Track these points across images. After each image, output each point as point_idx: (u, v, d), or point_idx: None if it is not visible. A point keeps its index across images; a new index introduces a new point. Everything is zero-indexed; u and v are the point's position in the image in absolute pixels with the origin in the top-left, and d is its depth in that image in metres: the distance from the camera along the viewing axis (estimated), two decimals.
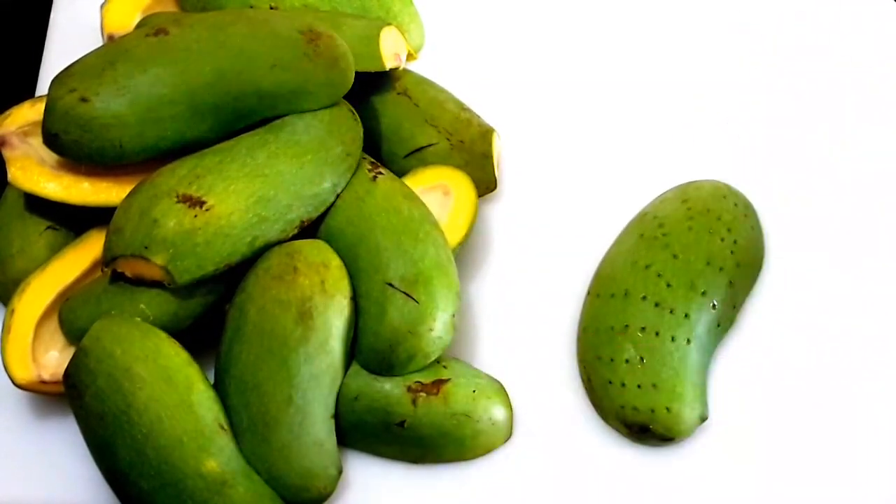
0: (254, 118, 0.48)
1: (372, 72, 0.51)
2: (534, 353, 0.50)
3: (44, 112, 0.46)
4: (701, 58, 0.58)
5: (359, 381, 0.46)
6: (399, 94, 0.53)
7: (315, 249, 0.46)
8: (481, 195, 0.51)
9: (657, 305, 0.47)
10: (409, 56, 0.57)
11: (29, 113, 0.48)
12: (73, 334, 0.45)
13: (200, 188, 0.45)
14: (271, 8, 0.53)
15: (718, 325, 0.48)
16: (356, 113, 0.49)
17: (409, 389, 0.45)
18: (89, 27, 0.57)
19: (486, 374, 0.48)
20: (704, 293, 0.47)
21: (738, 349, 0.49)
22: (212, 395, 0.44)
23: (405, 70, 0.54)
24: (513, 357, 0.50)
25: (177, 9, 0.56)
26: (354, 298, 0.46)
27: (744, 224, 0.50)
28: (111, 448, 0.43)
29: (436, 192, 0.50)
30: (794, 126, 0.56)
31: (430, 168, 0.51)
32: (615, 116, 0.57)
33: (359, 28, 0.52)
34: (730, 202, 0.50)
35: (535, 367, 0.49)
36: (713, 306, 0.47)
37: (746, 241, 0.49)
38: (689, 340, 0.47)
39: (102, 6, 0.55)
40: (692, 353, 0.46)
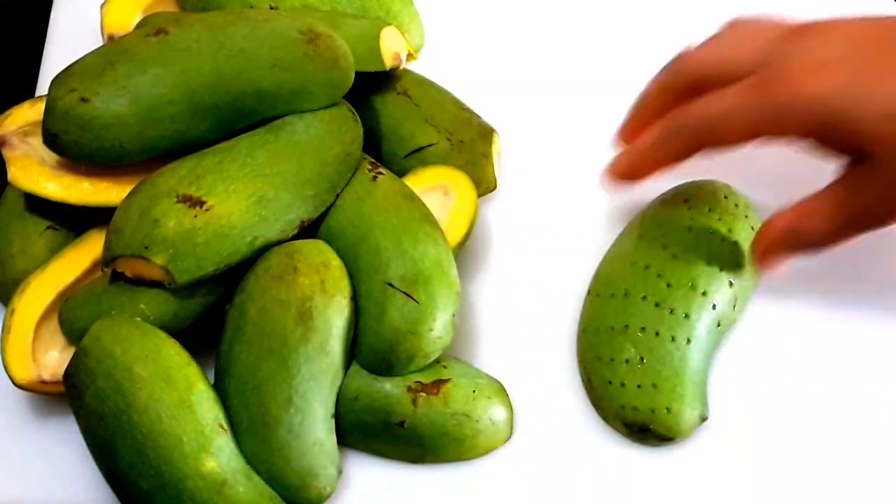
0: (254, 118, 0.48)
1: (372, 72, 0.51)
2: (534, 353, 0.50)
3: (44, 112, 0.46)
4: None
5: (359, 381, 0.46)
6: (399, 94, 0.53)
7: (315, 249, 0.46)
8: (481, 195, 0.51)
9: (657, 305, 0.47)
10: (409, 56, 0.57)
11: (29, 113, 0.48)
12: (73, 334, 0.45)
13: (200, 188, 0.45)
14: (271, 8, 0.53)
15: (718, 325, 0.48)
16: (356, 113, 0.49)
17: (409, 389, 0.45)
18: (89, 27, 0.57)
19: (486, 374, 0.48)
20: (705, 293, 0.47)
21: (738, 349, 0.50)
22: (212, 395, 0.44)
23: (405, 70, 0.54)
24: (513, 357, 0.50)
25: (177, 9, 0.56)
26: (354, 298, 0.46)
27: (744, 225, 0.50)
28: (111, 448, 0.43)
29: (436, 192, 0.50)
30: None
31: (430, 168, 0.51)
32: (615, 116, 0.56)
33: (359, 28, 0.52)
34: (730, 203, 0.50)
35: (535, 367, 0.49)
36: (713, 306, 0.47)
37: (746, 241, 0.49)
38: (689, 340, 0.47)
39: (102, 6, 0.55)
40: (692, 353, 0.47)
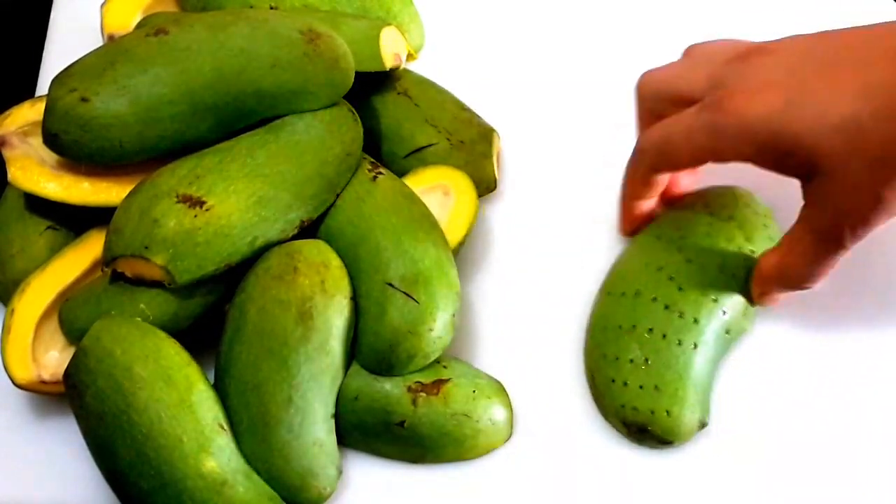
0: (254, 118, 0.48)
1: (372, 72, 0.51)
2: (534, 353, 0.50)
3: (44, 112, 0.46)
4: None
5: (359, 381, 0.46)
6: (399, 94, 0.53)
7: (315, 249, 0.46)
8: (481, 195, 0.51)
9: (667, 308, 0.47)
10: (409, 56, 0.57)
11: (29, 113, 0.48)
12: (73, 334, 0.45)
13: (200, 188, 0.45)
14: (271, 8, 0.53)
15: (728, 333, 0.47)
16: (356, 113, 0.49)
17: (409, 389, 0.45)
18: (89, 27, 0.57)
19: (486, 374, 0.48)
20: (715, 300, 0.47)
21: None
22: (212, 395, 0.44)
23: (405, 70, 0.54)
24: (513, 357, 0.50)
25: (177, 9, 0.56)
26: (354, 298, 0.46)
27: (763, 234, 0.49)
28: (111, 448, 0.43)
29: (436, 192, 0.50)
30: None
31: (430, 168, 0.51)
32: (615, 116, 0.56)
33: (359, 28, 0.52)
34: (751, 211, 0.50)
35: (535, 367, 0.49)
36: (723, 313, 0.47)
37: (764, 251, 0.48)
38: (695, 345, 0.46)
39: (102, 6, 0.55)
40: (698, 357, 0.46)
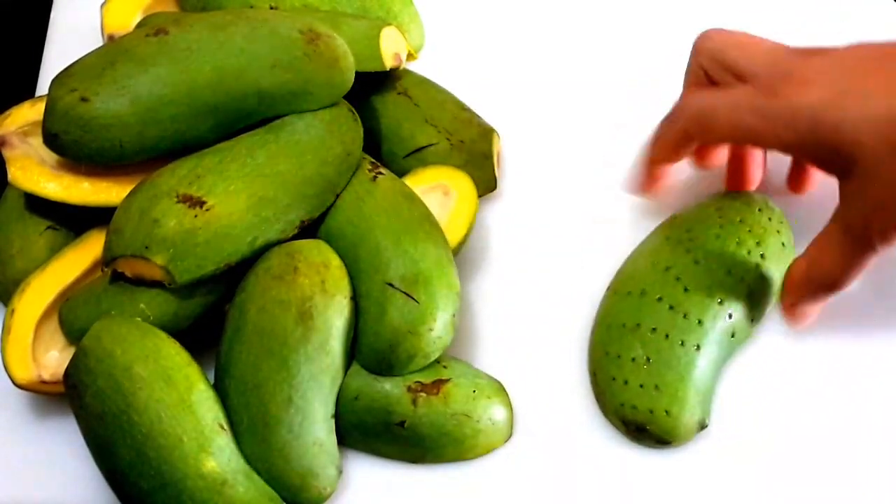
0: (254, 118, 0.48)
1: (372, 72, 0.51)
2: (534, 353, 0.50)
3: (44, 112, 0.46)
4: None
5: (359, 381, 0.46)
6: (399, 94, 0.53)
7: (315, 249, 0.46)
8: (481, 195, 0.51)
9: (671, 308, 0.47)
10: (409, 56, 0.57)
11: (29, 113, 0.48)
12: (73, 334, 0.45)
13: (200, 188, 0.45)
14: (271, 8, 0.53)
15: (733, 336, 0.47)
16: (356, 113, 0.49)
17: (409, 389, 0.45)
18: (89, 27, 0.57)
19: (486, 374, 0.48)
20: (721, 302, 0.47)
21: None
22: (212, 395, 0.44)
23: (405, 70, 0.54)
24: (513, 357, 0.50)
25: (177, 9, 0.56)
26: (354, 298, 0.46)
27: (775, 239, 0.49)
28: (111, 448, 0.43)
29: (436, 192, 0.50)
30: None
31: (430, 168, 0.51)
32: (615, 116, 0.57)
33: (359, 28, 0.52)
34: (764, 216, 0.49)
35: (535, 367, 0.49)
36: (729, 316, 0.47)
37: (774, 256, 0.48)
38: (698, 347, 0.46)
39: (102, 6, 0.55)
40: (700, 359, 0.46)
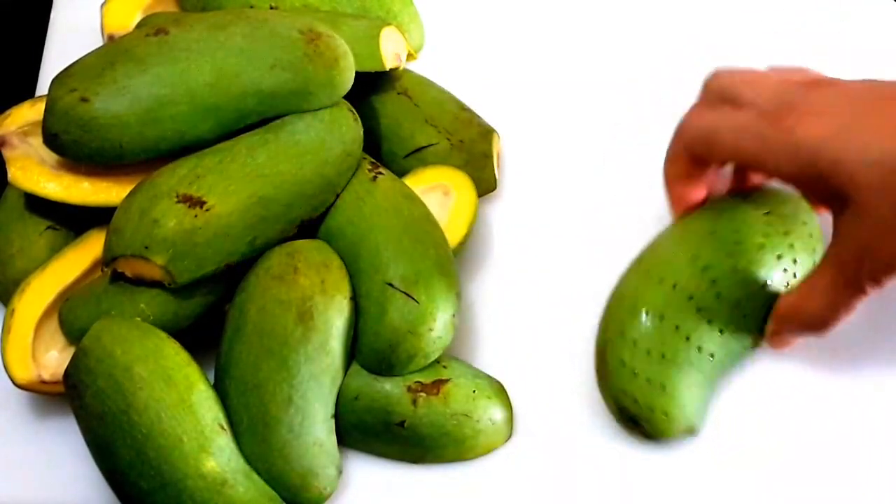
0: (254, 118, 0.48)
1: (372, 72, 0.51)
2: (534, 353, 0.50)
3: (44, 112, 0.46)
4: (699, 58, 0.58)
5: (359, 381, 0.46)
6: (399, 94, 0.53)
7: (315, 249, 0.46)
8: (481, 195, 0.51)
9: (699, 311, 0.45)
10: (409, 56, 0.57)
11: (29, 113, 0.48)
12: (73, 334, 0.45)
13: (200, 188, 0.45)
14: (271, 8, 0.53)
15: (746, 349, 0.46)
16: (356, 113, 0.49)
17: (409, 389, 0.45)
18: (89, 27, 0.57)
19: (486, 374, 0.48)
20: (745, 316, 0.46)
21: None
22: (212, 395, 0.44)
23: (405, 70, 0.54)
24: (513, 357, 0.50)
25: (177, 9, 0.56)
26: (354, 298, 0.46)
27: (809, 258, 0.46)
28: (111, 448, 0.43)
29: (436, 192, 0.50)
30: None
31: (430, 168, 0.51)
32: (615, 116, 0.57)
33: (359, 28, 0.52)
34: (806, 231, 0.47)
35: (536, 367, 0.49)
36: (749, 330, 0.46)
37: (805, 276, 0.46)
38: (713, 355, 0.45)
39: (102, 6, 0.55)
40: (712, 368, 0.45)
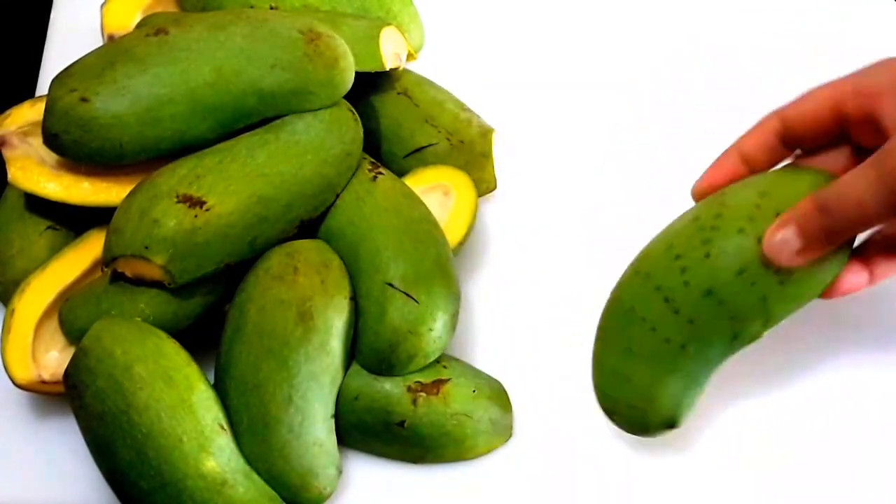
0: (254, 118, 0.48)
1: (372, 72, 0.51)
2: (534, 353, 0.50)
3: (44, 112, 0.46)
4: (699, 58, 0.58)
5: (359, 381, 0.46)
6: (399, 94, 0.53)
7: (315, 249, 0.46)
8: (481, 195, 0.51)
9: (666, 301, 0.44)
10: (409, 56, 0.57)
11: (29, 113, 0.48)
12: (73, 334, 0.45)
13: (200, 188, 0.45)
14: (271, 8, 0.53)
15: (735, 339, 0.44)
16: (356, 113, 0.49)
17: (409, 389, 0.45)
18: (89, 27, 0.57)
19: (486, 374, 0.48)
20: (721, 304, 0.43)
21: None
22: (212, 395, 0.44)
23: (405, 70, 0.54)
24: (513, 357, 0.50)
25: (177, 9, 0.56)
26: (354, 298, 0.46)
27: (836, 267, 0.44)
28: (111, 448, 0.43)
29: (436, 192, 0.50)
30: None
31: (430, 168, 0.51)
32: (615, 116, 0.57)
33: (359, 28, 0.52)
34: None
35: (536, 367, 0.49)
36: (729, 318, 0.44)
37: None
38: (684, 346, 0.44)
39: (102, 6, 0.55)
40: (683, 359, 0.44)
